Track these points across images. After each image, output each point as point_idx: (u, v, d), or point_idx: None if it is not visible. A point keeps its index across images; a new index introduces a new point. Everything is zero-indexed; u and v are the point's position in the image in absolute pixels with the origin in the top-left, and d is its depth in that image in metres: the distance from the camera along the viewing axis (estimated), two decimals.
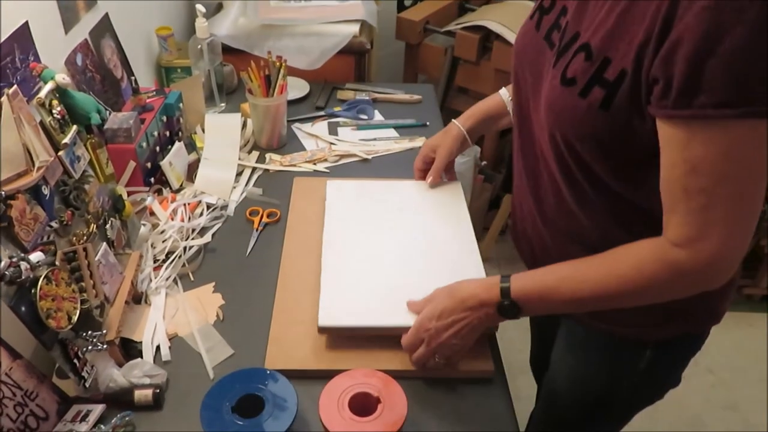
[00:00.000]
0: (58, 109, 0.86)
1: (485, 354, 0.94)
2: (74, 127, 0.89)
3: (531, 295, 0.82)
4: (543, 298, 0.82)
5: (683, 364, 1.01)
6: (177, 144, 1.30)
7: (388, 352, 0.94)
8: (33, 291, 0.75)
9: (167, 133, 1.31)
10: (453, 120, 1.18)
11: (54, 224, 0.82)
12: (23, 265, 0.73)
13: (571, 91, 0.74)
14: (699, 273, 0.71)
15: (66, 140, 0.86)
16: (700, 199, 0.67)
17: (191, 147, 1.37)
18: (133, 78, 1.31)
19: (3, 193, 0.72)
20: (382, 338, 0.95)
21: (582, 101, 0.73)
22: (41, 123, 0.84)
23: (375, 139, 1.48)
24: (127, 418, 0.84)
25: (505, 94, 1.13)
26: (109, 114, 1.17)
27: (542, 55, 0.83)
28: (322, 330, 0.94)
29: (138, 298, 1.01)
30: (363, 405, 0.82)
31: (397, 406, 0.81)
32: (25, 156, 0.78)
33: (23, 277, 0.73)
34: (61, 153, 0.86)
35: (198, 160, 1.32)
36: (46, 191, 0.81)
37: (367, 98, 1.62)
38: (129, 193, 1.11)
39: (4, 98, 0.76)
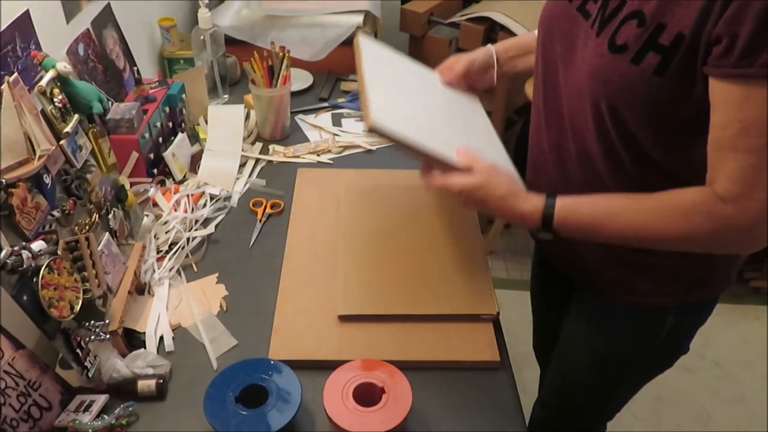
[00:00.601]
0: (60, 97, 0.85)
1: (491, 344, 0.93)
2: (76, 116, 0.88)
3: (569, 227, 0.82)
4: (582, 231, 0.82)
5: (695, 331, 1.02)
6: (180, 135, 1.29)
7: (393, 342, 0.93)
8: (35, 280, 0.74)
9: (170, 125, 1.31)
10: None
11: (56, 213, 0.81)
12: (25, 253, 0.73)
13: (623, 57, 0.74)
14: (743, 230, 0.72)
15: (67, 129, 0.85)
16: (751, 159, 0.68)
17: (194, 138, 1.36)
18: (135, 68, 1.30)
19: (4, 181, 0.71)
20: (387, 329, 0.94)
21: (634, 67, 0.73)
22: (42, 112, 0.83)
23: None
24: (130, 409, 0.83)
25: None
26: (112, 104, 1.16)
27: (575, 25, 0.82)
28: (371, 128, 0.85)
29: (141, 288, 1.01)
30: (367, 395, 0.81)
31: (401, 396, 0.81)
32: (26, 144, 0.77)
33: (25, 266, 0.72)
34: (62, 142, 0.85)
35: (201, 152, 1.32)
36: (47, 180, 0.81)
37: None
38: (132, 184, 1.11)
39: (4, 86, 0.75)
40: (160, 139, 1.25)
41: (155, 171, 1.23)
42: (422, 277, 1.01)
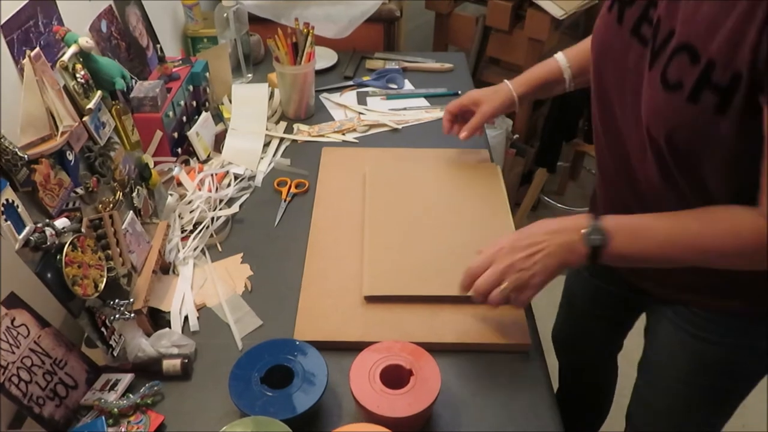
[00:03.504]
0: (82, 73, 0.84)
1: (522, 326, 0.90)
2: (98, 93, 0.87)
3: (623, 227, 0.77)
4: (635, 234, 0.77)
5: None
6: (204, 114, 1.27)
7: (420, 324, 0.91)
8: (58, 257, 0.73)
9: (194, 104, 1.29)
10: (505, 80, 1.12)
11: (79, 191, 0.80)
12: (48, 231, 0.72)
13: (677, 96, 0.69)
14: None
15: (90, 105, 0.84)
16: None
17: (218, 118, 1.35)
18: (158, 46, 1.29)
19: (26, 156, 0.70)
20: (414, 310, 0.92)
21: (693, 107, 0.69)
22: (65, 87, 0.82)
23: (405, 109, 1.44)
24: (155, 388, 0.83)
25: (562, 58, 1.07)
26: (135, 83, 1.15)
27: (630, 50, 0.77)
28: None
29: (166, 268, 1.00)
30: (395, 377, 0.79)
31: (430, 378, 0.78)
32: (48, 120, 0.76)
33: (48, 243, 0.72)
34: (85, 118, 0.84)
35: (225, 131, 1.30)
36: (70, 157, 0.80)
37: (397, 67, 1.57)
38: (156, 164, 1.10)
39: (26, 60, 0.74)
40: (184, 118, 1.24)
41: (179, 150, 1.21)
42: (450, 257, 0.99)
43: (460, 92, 1.50)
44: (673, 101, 0.70)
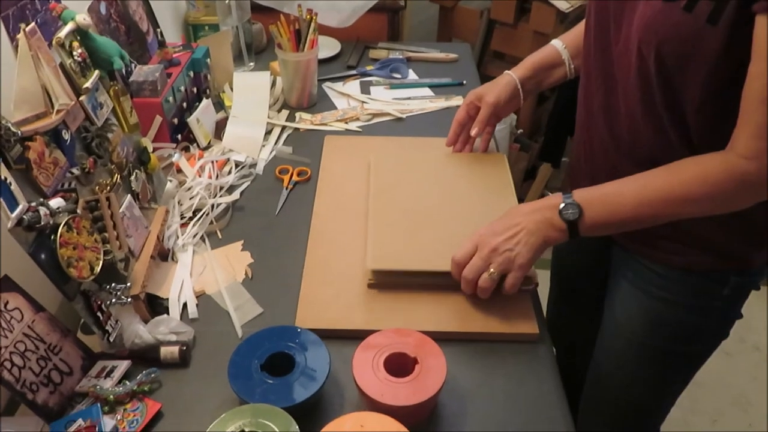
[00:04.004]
0: (79, 51, 0.82)
1: (529, 315, 0.88)
2: (96, 72, 0.85)
3: (594, 197, 0.81)
4: (606, 201, 0.81)
5: (747, 293, 0.97)
6: (205, 101, 1.25)
7: (425, 312, 0.88)
8: (53, 238, 0.71)
9: (194, 90, 1.27)
10: (506, 71, 1.11)
11: (75, 171, 0.78)
12: (42, 210, 0.69)
13: (674, 6, 0.71)
14: (765, 185, 0.72)
15: (87, 84, 0.82)
16: None
17: (219, 106, 1.32)
18: (159, 30, 1.26)
19: (20, 132, 0.67)
20: (419, 298, 0.90)
21: (687, 16, 0.70)
22: (61, 66, 0.79)
23: (409, 98, 1.41)
24: (152, 375, 0.80)
25: (557, 42, 1.08)
26: (135, 67, 1.12)
27: None
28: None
29: (164, 254, 0.98)
30: (399, 366, 0.77)
31: (435, 367, 0.76)
32: (44, 97, 0.74)
33: (42, 223, 0.69)
34: (82, 98, 0.81)
35: (226, 119, 1.27)
36: (66, 136, 0.77)
37: (401, 57, 1.55)
38: (155, 149, 1.07)
39: (21, 35, 0.72)
40: (185, 105, 1.22)
41: (179, 137, 1.19)
42: (455, 237, 0.95)
43: (465, 82, 1.47)
44: (668, 11, 0.72)
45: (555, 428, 0.77)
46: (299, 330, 0.81)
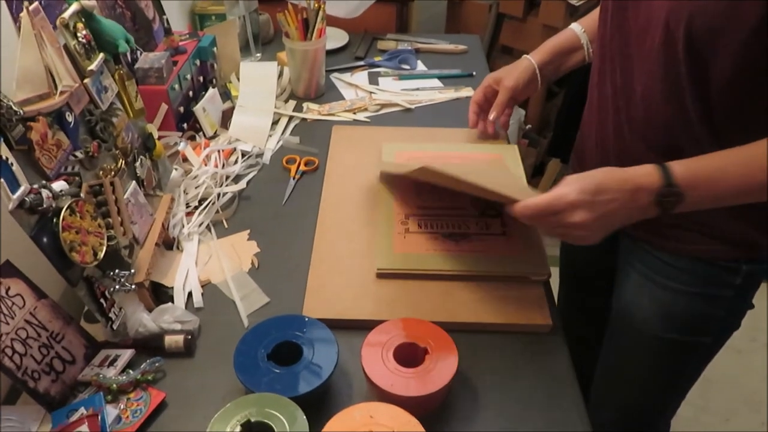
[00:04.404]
0: (84, 33, 0.80)
1: (542, 307, 0.86)
2: (101, 55, 0.83)
3: (699, 179, 0.72)
4: (711, 185, 0.72)
5: (759, 283, 0.93)
6: (211, 90, 1.23)
7: (435, 302, 0.86)
8: (55, 221, 0.69)
9: (201, 79, 1.25)
10: (524, 55, 1.11)
11: (79, 154, 0.76)
12: (45, 192, 0.68)
13: None
14: None
15: (92, 67, 0.80)
16: None
17: (226, 96, 1.31)
18: (165, 17, 1.24)
19: (22, 111, 0.66)
20: (429, 288, 0.88)
21: None
22: (65, 47, 0.78)
23: (418, 89, 1.39)
24: (156, 364, 0.78)
25: (576, 26, 1.07)
26: (140, 54, 1.11)
27: None
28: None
29: (169, 243, 0.96)
30: (409, 356, 0.75)
31: (446, 358, 0.74)
32: (47, 78, 0.72)
33: (45, 206, 0.67)
34: (86, 80, 0.80)
35: (232, 109, 1.26)
36: (70, 118, 0.76)
37: (410, 48, 1.52)
38: (160, 137, 1.05)
39: (24, 14, 0.70)
40: (191, 93, 1.20)
41: (185, 126, 1.17)
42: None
43: (474, 73, 1.45)
44: None
45: (570, 420, 0.75)
46: (307, 319, 0.79)
